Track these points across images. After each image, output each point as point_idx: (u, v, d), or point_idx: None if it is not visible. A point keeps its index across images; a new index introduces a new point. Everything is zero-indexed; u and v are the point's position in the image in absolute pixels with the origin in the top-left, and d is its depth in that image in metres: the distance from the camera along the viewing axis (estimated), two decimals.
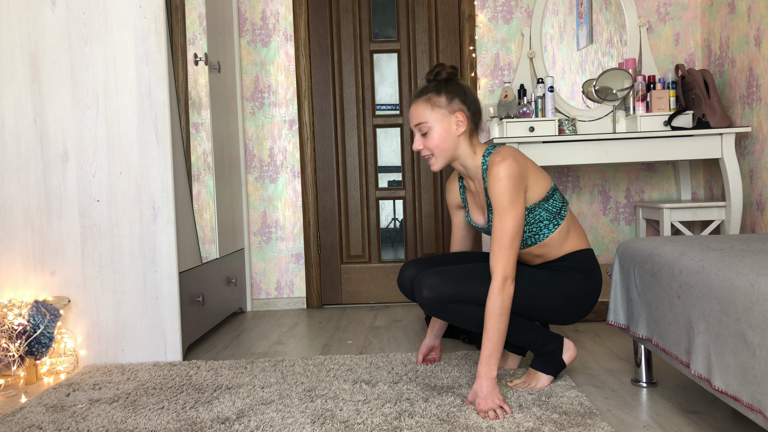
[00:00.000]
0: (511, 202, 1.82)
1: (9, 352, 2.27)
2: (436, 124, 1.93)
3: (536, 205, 1.93)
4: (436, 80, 1.96)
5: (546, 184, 1.95)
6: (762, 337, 1.26)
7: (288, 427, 1.72)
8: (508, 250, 1.81)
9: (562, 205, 1.99)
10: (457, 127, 1.93)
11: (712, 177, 3.46)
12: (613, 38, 3.49)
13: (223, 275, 3.11)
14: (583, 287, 1.99)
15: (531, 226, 1.95)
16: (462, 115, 1.93)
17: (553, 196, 1.96)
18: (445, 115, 1.92)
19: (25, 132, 2.46)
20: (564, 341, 2.01)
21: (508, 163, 1.84)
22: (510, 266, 1.81)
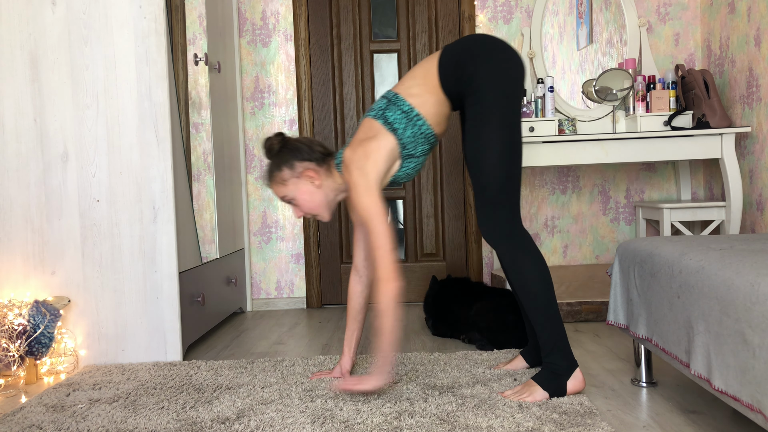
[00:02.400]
0: (366, 208, 1.86)
1: (9, 352, 2.27)
2: (296, 194, 1.97)
3: (400, 146, 1.93)
4: (271, 155, 1.99)
5: (382, 134, 1.92)
6: (762, 337, 1.26)
7: (288, 427, 1.72)
8: (380, 251, 1.83)
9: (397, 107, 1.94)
10: (312, 182, 1.97)
11: (712, 177, 3.46)
12: (613, 38, 3.49)
13: (223, 275, 3.11)
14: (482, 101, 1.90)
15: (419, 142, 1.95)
16: (310, 171, 1.96)
17: (391, 122, 1.93)
18: (297, 182, 1.97)
19: (25, 132, 2.46)
20: (576, 371, 1.89)
21: (353, 174, 1.88)
22: (389, 267, 1.83)
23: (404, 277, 3.66)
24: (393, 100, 1.96)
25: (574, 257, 3.61)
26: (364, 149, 1.91)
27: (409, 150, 1.96)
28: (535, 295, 1.89)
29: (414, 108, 1.93)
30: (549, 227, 3.61)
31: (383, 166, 1.92)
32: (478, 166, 1.90)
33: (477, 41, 1.95)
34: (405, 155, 1.96)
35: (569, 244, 3.61)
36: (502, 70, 1.90)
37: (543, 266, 1.90)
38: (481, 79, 1.89)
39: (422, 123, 1.94)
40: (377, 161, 1.90)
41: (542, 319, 1.89)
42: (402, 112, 1.93)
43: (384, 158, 1.91)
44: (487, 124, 1.88)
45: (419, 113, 1.93)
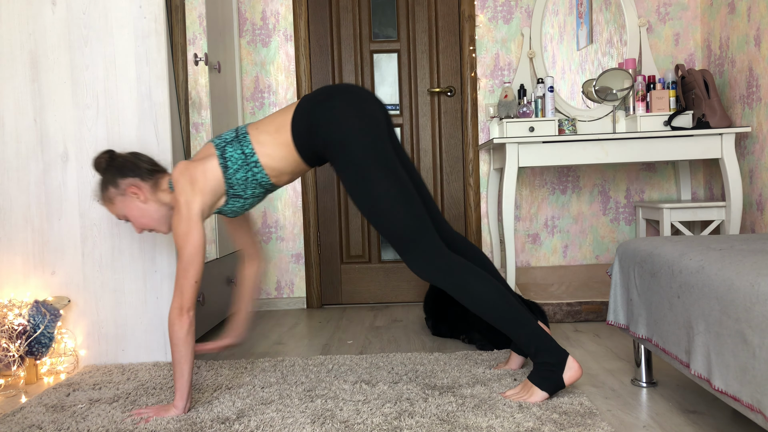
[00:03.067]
0: (182, 234, 1.83)
1: (9, 352, 2.27)
2: (126, 212, 1.96)
3: (227, 184, 1.90)
4: (100, 173, 1.97)
5: (211, 165, 1.89)
6: (762, 337, 1.26)
7: (288, 427, 1.72)
8: (182, 281, 1.82)
9: (241, 147, 1.90)
10: (138, 198, 1.94)
11: (712, 177, 3.46)
12: (613, 38, 3.49)
13: (223, 275, 3.11)
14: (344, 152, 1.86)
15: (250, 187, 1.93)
16: (133, 188, 1.93)
17: (226, 158, 1.90)
18: (123, 199, 1.95)
19: (25, 132, 2.46)
20: (568, 359, 1.86)
21: (178, 198, 1.86)
22: (185, 297, 1.81)
23: (404, 277, 3.66)
24: (240, 137, 1.93)
25: (574, 257, 3.61)
26: (192, 177, 1.87)
27: (237, 191, 1.93)
28: (494, 308, 1.86)
29: (255, 153, 1.90)
30: (549, 227, 3.61)
31: (209, 199, 1.89)
32: (376, 219, 1.88)
33: (324, 99, 1.91)
34: (231, 194, 1.93)
35: (569, 244, 3.61)
36: (356, 122, 1.87)
37: (485, 280, 1.88)
38: (333, 139, 1.86)
39: (259, 170, 1.91)
40: (203, 190, 1.88)
41: (512, 328, 1.87)
42: (242, 153, 1.90)
43: (209, 192, 1.89)
44: (362, 179, 1.85)
45: (259, 161, 1.91)
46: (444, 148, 3.63)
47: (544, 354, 1.85)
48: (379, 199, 1.86)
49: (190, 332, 1.82)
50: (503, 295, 1.87)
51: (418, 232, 1.87)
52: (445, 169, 3.64)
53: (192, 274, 1.82)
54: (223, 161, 1.90)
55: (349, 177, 1.87)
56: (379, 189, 1.85)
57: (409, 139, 3.64)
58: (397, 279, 3.66)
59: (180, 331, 1.81)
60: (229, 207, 1.97)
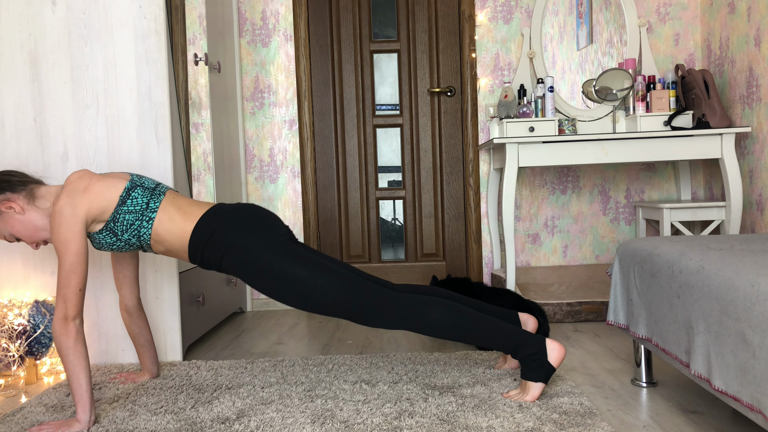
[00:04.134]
0: (62, 240, 1.79)
1: (9, 352, 2.27)
2: (9, 229, 1.91)
3: (113, 215, 1.88)
4: None
5: (114, 189, 1.89)
6: (762, 337, 1.26)
7: (288, 427, 1.72)
8: (64, 289, 1.77)
9: (149, 199, 1.92)
10: (15, 211, 1.90)
11: (712, 177, 3.46)
12: (613, 38, 3.49)
13: (223, 275, 3.11)
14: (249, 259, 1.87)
15: (129, 233, 1.91)
16: (5, 204, 1.89)
17: (130, 196, 1.90)
18: (1, 219, 1.90)
19: (25, 132, 2.46)
20: (547, 342, 1.88)
21: (61, 198, 1.83)
22: (69, 306, 1.76)
23: (404, 277, 3.66)
24: (156, 192, 1.94)
25: (574, 257, 3.61)
26: (87, 185, 1.86)
27: (116, 228, 1.90)
28: (461, 330, 1.88)
29: (156, 216, 1.91)
30: (549, 227, 3.61)
31: (94, 211, 1.86)
32: (320, 308, 1.88)
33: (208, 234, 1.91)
34: (109, 227, 1.90)
35: (569, 244, 3.61)
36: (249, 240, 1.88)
37: (439, 306, 1.89)
38: (242, 262, 1.88)
39: (147, 228, 1.91)
40: (91, 204, 1.85)
41: (486, 339, 1.90)
42: (146, 204, 1.91)
43: (96, 209, 1.86)
44: (285, 283, 1.86)
45: (153, 221, 1.91)
46: (444, 148, 3.63)
47: (523, 348, 1.88)
48: (309, 289, 1.86)
49: (78, 341, 1.75)
50: (465, 314, 1.89)
51: (358, 294, 1.87)
52: (445, 169, 3.64)
53: (75, 282, 1.78)
54: (125, 194, 1.89)
55: (264, 287, 1.89)
56: (301, 281, 1.86)
57: (409, 139, 3.64)
58: (397, 279, 3.66)
59: (67, 341, 1.75)
60: (100, 237, 1.92)
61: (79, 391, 1.76)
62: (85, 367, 1.76)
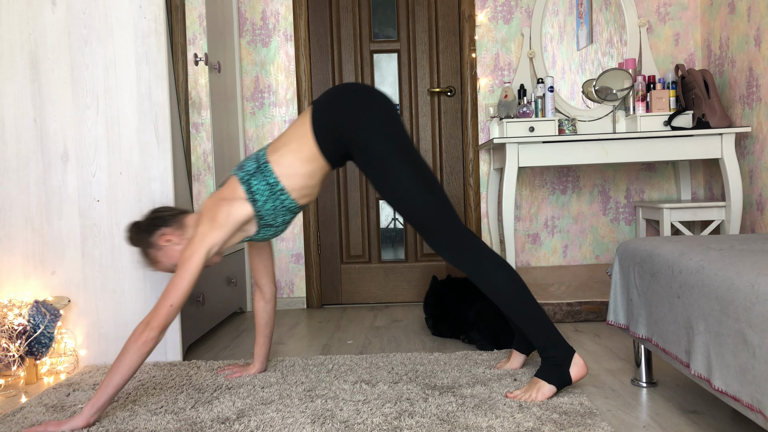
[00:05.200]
0: (187, 259, 1.87)
1: (9, 352, 2.27)
2: (171, 260, 2.00)
3: (257, 217, 1.95)
4: (135, 246, 2.03)
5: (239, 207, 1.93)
6: (762, 337, 1.26)
7: (288, 427, 1.72)
8: (165, 301, 1.82)
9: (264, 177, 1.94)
10: (171, 242, 1.99)
11: (712, 177, 3.46)
12: (613, 38, 3.49)
13: (223, 275, 3.11)
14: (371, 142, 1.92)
15: (280, 215, 1.96)
16: (163, 237, 1.98)
17: (254, 193, 1.93)
18: (164, 252, 1.99)
19: (25, 132, 2.46)
20: (575, 356, 1.90)
21: (197, 229, 1.92)
22: (157, 316, 1.80)
23: (404, 277, 3.66)
24: (262, 168, 1.95)
25: (574, 257, 3.61)
26: (216, 212, 1.92)
27: (267, 221, 1.97)
28: (511, 299, 1.92)
29: (279, 181, 1.94)
30: (549, 227, 3.61)
31: (227, 233, 1.92)
32: (404, 211, 1.94)
33: (342, 100, 1.96)
34: (262, 225, 1.98)
35: (569, 244, 3.61)
36: (378, 120, 1.92)
37: (508, 271, 1.93)
38: (363, 139, 1.91)
39: (285, 197, 1.95)
40: (222, 228, 1.91)
41: (526, 321, 1.92)
42: (267, 184, 1.94)
43: (231, 227, 1.92)
44: (388, 173, 1.91)
45: (284, 187, 1.94)
46: (444, 148, 3.63)
47: (553, 349, 1.90)
48: (402, 191, 1.91)
49: (142, 352, 1.78)
50: (523, 288, 1.93)
51: (442, 219, 1.92)
52: (445, 169, 3.64)
53: (173, 298, 1.83)
54: (251, 196, 1.94)
55: (372, 172, 1.94)
56: (401, 181, 1.91)
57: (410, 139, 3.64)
58: (397, 279, 3.66)
59: (133, 344, 1.78)
60: (261, 236, 2.02)
61: (105, 390, 1.77)
62: (125, 377, 1.78)
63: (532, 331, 1.91)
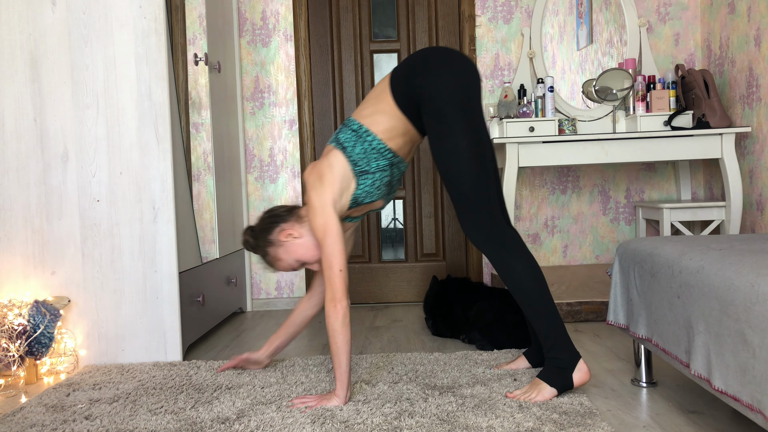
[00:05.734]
0: (319, 227, 1.91)
1: (9, 352, 2.27)
2: (295, 256, 2.04)
3: (351, 164, 1.97)
4: (254, 249, 2.08)
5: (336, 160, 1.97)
6: (762, 337, 1.26)
7: (288, 427, 1.72)
8: (328, 272, 1.88)
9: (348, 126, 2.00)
10: (295, 237, 2.03)
11: (712, 177, 3.46)
12: (613, 38, 3.49)
13: (223, 275, 3.11)
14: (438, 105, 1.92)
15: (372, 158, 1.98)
16: (284, 233, 2.03)
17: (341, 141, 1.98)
18: (285, 249, 2.04)
19: (25, 132, 2.46)
20: (579, 362, 1.90)
21: (310, 196, 1.95)
22: (335, 288, 1.87)
23: (404, 277, 3.66)
24: (346, 123, 2.03)
25: (574, 257, 3.61)
26: (318, 171, 1.97)
27: (362, 166, 1.98)
28: (529, 294, 1.91)
29: (363, 125, 1.98)
30: (549, 227, 3.61)
31: (337, 187, 1.96)
32: (449, 177, 1.93)
33: (421, 56, 1.99)
34: (358, 172, 1.98)
35: (569, 244, 3.61)
36: (448, 78, 1.92)
37: (532, 265, 1.92)
38: (431, 91, 1.91)
39: (372, 138, 1.97)
40: (331, 181, 1.95)
41: (539, 317, 1.91)
42: (351, 131, 1.99)
43: (337, 177, 1.96)
44: (448, 135, 1.90)
45: (368, 129, 1.97)
46: None
47: (560, 350, 1.89)
48: (456, 156, 1.90)
49: (345, 323, 1.86)
50: (542, 285, 1.92)
51: (482, 198, 1.91)
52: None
53: (336, 263, 1.88)
54: (340, 146, 1.98)
55: (430, 130, 1.94)
56: (458, 146, 1.90)
57: None
58: (397, 279, 3.66)
59: (334, 321, 1.86)
60: (361, 189, 2.00)
61: (340, 369, 1.87)
62: (347, 348, 1.87)
63: (543, 329, 1.90)
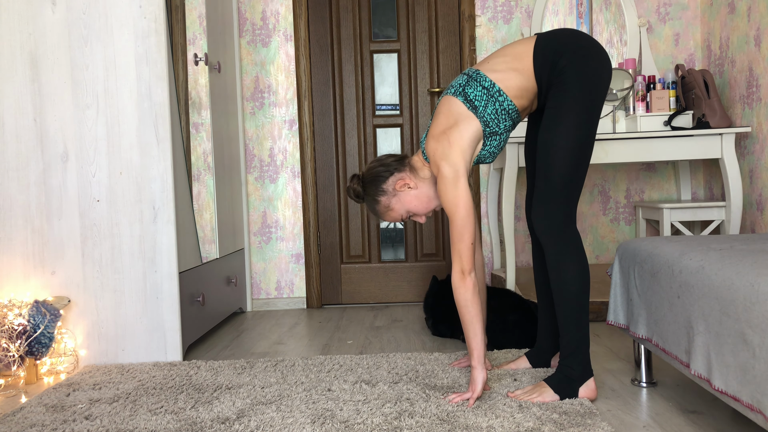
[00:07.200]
0: (451, 199, 1.87)
1: (9, 352, 2.27)
2: (407, 207, 2.03)
3: (483, 125, 1.91)
4: (362, 198, 2.05)
5: (468, 123, 1.90)
6: (762, 337, 1.26)
7: (288, 427, 1.72)
8: (459, 244, 1.86)
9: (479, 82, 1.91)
10: (410, 188, 2.02)
11: (712, 177, 3.46)
12: (613, 38, 3.49)
13: (223, 275, 3.11)
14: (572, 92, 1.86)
15: (502, 119, 1.92)
16: (400, 182, 2.01)
17: (472, 100, 1.90)
18: (398, 199, 2.02)
19: (25, 132, 2.46)
20: (590, 380, 1.87)
21: (441, 166, 1.89)
22: (464, 260, 1.85)
23: (404, 277, 3.66)
24: (474, 76, 1.92)
25: None
26: (448, 139, 1.89)
27: (492, 128, 1.92)
28: (571, 298, 1.86)
29: (495, 83, 1.89)
30: None
31: (469, 153, 1.90)
32: (547, 159, 1.87)
33: (577, 36, 1.91)
34: (488, 133, 1.92)
35: None
36: (594, 70, 1.87)
37: (585, 271, 1.88)
38: (573, 72, 1.85)
39: (504, 98, 1.89)
40: (463, 149, 1.88)
41: (570, 322, 1.86)
42: (483, 88, 1.90)
43: (468, 144, 1.90)
44: (566, 118, 1.84)
45: (500, 88, 1.89)
46: None
47: (576, 360, 1.86)
48: (566, 141, 1.84)
49: (475, 293, 1.86)
50: (586, 294, 1.88)
51: (569, 192, 1.86)
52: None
53: (467, 236, 1.86)
54: (470, 105, 1.90)
55: (555, 107, 1.86)
56: (571, 134, 1.84)
57: (409, 139, 3.64)
58: (397, 279, 3.66)
59: (465, 293, 1.85)
60: (488, 149, 1.95)
61: (475, 339, 1.86)
62: (481, 318, 1.88)
63: (568, 336, 1.87)
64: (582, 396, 1.86)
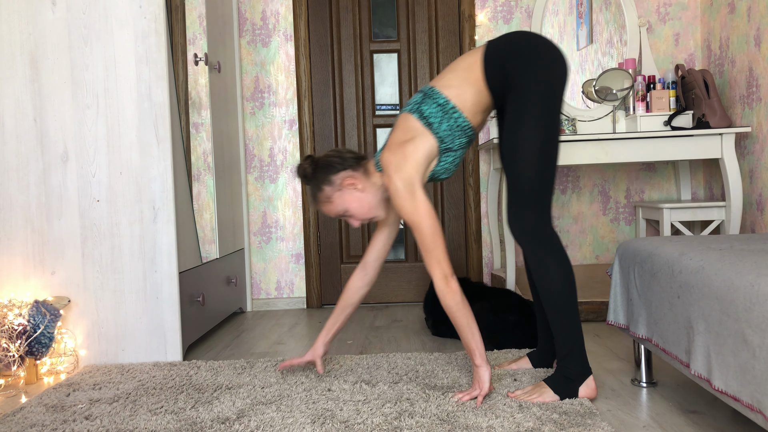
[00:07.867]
0: (413, 211, 1.85)
1: (9, 352, 2.27)
2: (346, 206, 1.98)
3: (438, 142, 1.90)
4: (308, 179, 2.01)
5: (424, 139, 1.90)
6: (762, 337, 1.26)
7: (288, 427, 1.72)
8: (434, 251, 1.85)
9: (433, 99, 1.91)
10: (357, 189, 1.98)
11: (712, 177, 3.46)
12: (613, 38, 3.49)
13: (223, 275, 3.11)
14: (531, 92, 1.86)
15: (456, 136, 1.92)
16: (348, 179, 1.97)
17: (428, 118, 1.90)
18: (341, 194, 1.98)
19: (25, 132, 2.46)
20: (589, 378, 1.87)
21: (393, 179, 1.87)
22: (444, 265, 1.85)
23: (404, 277, 3.66)
24: (429, 93, 1.93)
25: (574, 257, 3.61)
26: (403, 152, 1.89)
27: (447, 144, 1.92)
28: (557, 298, 1.87)
29: (450, 101, 1.90)
30: None
31: (423, 167, 1.90)
32: (513, 163, 1.88)
33: (524, 38, 1.91)
34: (443, 149, 1.93)
35: (569, 244, 3.61)
36: (547, 69, 1.87)
37: (568, 270, 1.88)
38: (525, 76, 1.85)
39: (458, 116, 1.90)
40: (418, 162, 1.88)
41: (561, 323, 1.87)
42: (437, 105, 1.90)
43: (423, 159, 1.90)
44: (527, 122, 1.85)
45: (455, 106, 1.90)
46: None
47: (574, 360, 1.86)
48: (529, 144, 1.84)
49: (462, 295, 1.86)
50: (572, 292, 1.88)
51: (539, 193, 1.86)
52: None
53: (440, 241, 1.86)
54: (425, 121, 1.90)
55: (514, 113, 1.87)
56: (534, 137, 1.84)
57: None
58: (397, 279, 3.66)
59: (454, 296, 1.85)
60: (443, 165, 1.96)
61: (474, 339, 1.86)
62: (473, 318, 1.87)
63: (561, 336, 1.87)
64: (582, 395, 1.86)
